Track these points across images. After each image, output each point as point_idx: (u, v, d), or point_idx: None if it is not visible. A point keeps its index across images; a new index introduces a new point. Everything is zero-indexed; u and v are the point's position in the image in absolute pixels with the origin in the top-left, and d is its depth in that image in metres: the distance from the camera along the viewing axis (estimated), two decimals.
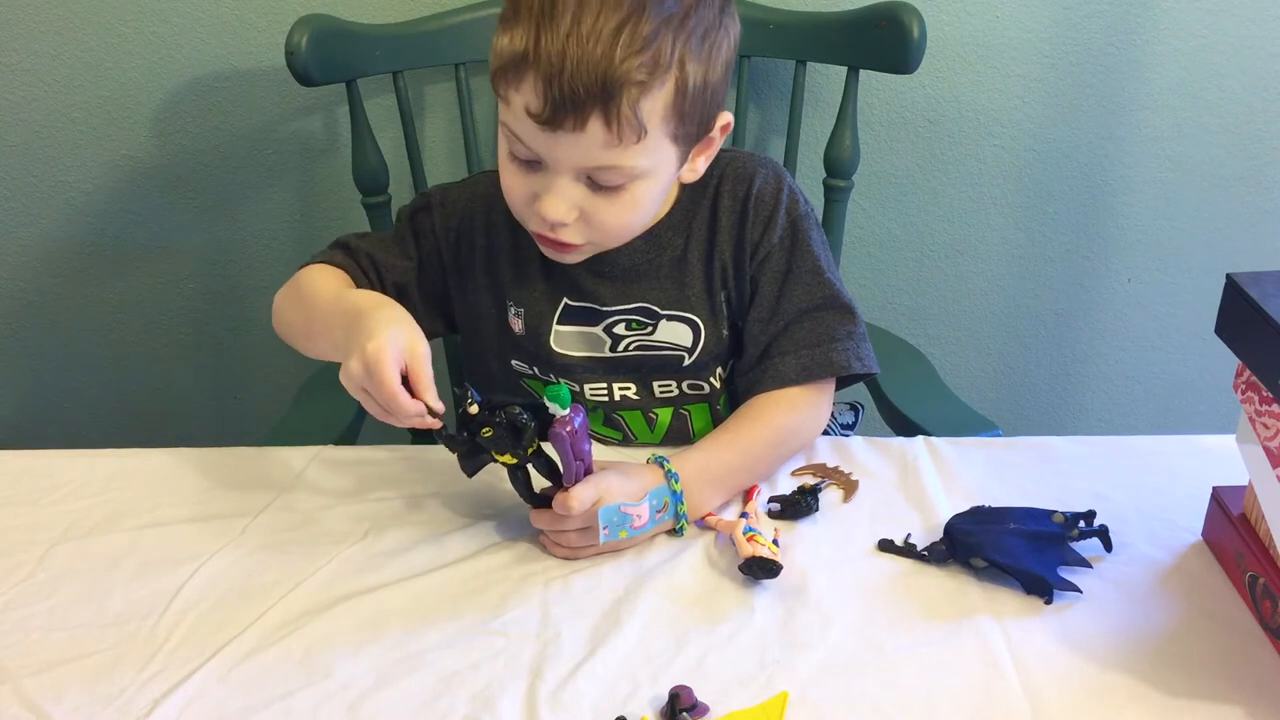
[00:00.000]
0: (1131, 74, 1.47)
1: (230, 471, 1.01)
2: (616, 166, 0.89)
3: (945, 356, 1.65)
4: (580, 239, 0.94)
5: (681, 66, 0.87)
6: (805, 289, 1.02)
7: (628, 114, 0.86)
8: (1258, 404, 0.82)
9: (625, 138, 0.87)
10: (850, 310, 1.03)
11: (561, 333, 1.05)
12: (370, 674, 0.78)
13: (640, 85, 0.85)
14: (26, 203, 1.56)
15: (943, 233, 1.58)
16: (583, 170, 0.90)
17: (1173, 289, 1.62)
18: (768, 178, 1.03)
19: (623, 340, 1.04)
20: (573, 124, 0.85)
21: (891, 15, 1.26)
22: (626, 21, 0.84)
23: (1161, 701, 0.75)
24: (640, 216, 0.96)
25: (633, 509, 0.88)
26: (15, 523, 0.95)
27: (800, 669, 0.78)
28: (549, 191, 0.91)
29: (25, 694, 0.76)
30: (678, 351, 1.05)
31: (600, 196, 0.91)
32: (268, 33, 1.44)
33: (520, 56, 0.85)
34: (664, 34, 0.85)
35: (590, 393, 1.07)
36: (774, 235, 1.02)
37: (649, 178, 0.92)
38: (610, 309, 1.04)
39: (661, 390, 1.07)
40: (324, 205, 1.56)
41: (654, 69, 0.85)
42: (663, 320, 1.04)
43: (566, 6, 0.84)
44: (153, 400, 1.71)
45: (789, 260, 1.02)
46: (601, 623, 0.83)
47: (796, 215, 1.03)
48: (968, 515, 0.91)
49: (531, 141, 0.89)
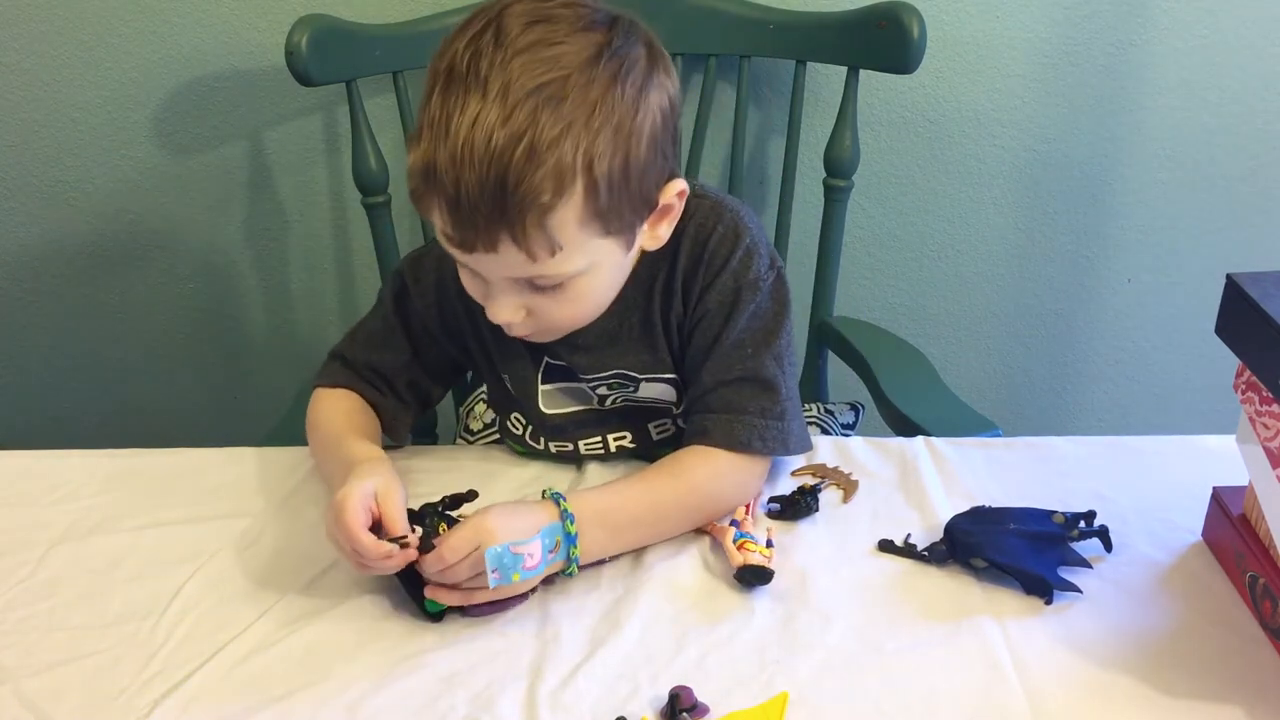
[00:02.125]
0: (1131, 74, 1.47)
1: (230, 471, 1.01)
2: (544, 274, 0.84)
3: (945, 356, 1.65)
4: (534, 329, 0.91)
5: (589, 170, 0.79)
6: (726, 362, 0.94)
7: (536, 234, 0.79)
8: (1258, 404, 0.82)
9: (539, 256, 0.81)
10: (772, 388, 0.94)
11: (548, 392, 1.01)
12: (370, 674, 0.78)
13: (543, 206, 0.78)
14: (26, 203, 1.56)
15: (943, 233, 1.58)
16: (515, 280, 0.85)
17: (1173, 289, 1.62)
18: (724, 234, 0.93)
19: (608, 398, 1.01)
20: (484, 247, 0.80)
21: (891, 15, 1.26)
22: (524, 134, 0.77)
23: (1161, 701, 0.75)
24: (590, 308, 0.91)
25: (523, 547, 0.81)
26: (15, 523, 0.95)
27: (800, 669, 0.78)
28: (491, 299, 0.87)
29: (25, 694, 0.76)
30: (665, 404, 1.01)
31: (544, 296, 0.86)
32: (268, 33, 1.44)
33: (421, 177, 0.80)
34: (565, 141, 0.78)
35: (586, 449, 1.02)
36: (712, 297, 0.94)
37: (590, 273, 0.86)
38: (589, 376, 0.99)
39: (659, 432, 1.03)
40: (324, 205, 1.56)
41: (558, 184, 0.78)
42: (642, 382, 0.99)
43: (462, 120, 0.77)
44: (153, 400, 1.71)
45: (722, 327, 0.94)
46: (601, 623, 0.83)
47: (745, 281, 0.93)
48: (968, 515, 0.91)
49: (459, 259, 0.85)
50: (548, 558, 0.84)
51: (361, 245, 1.53)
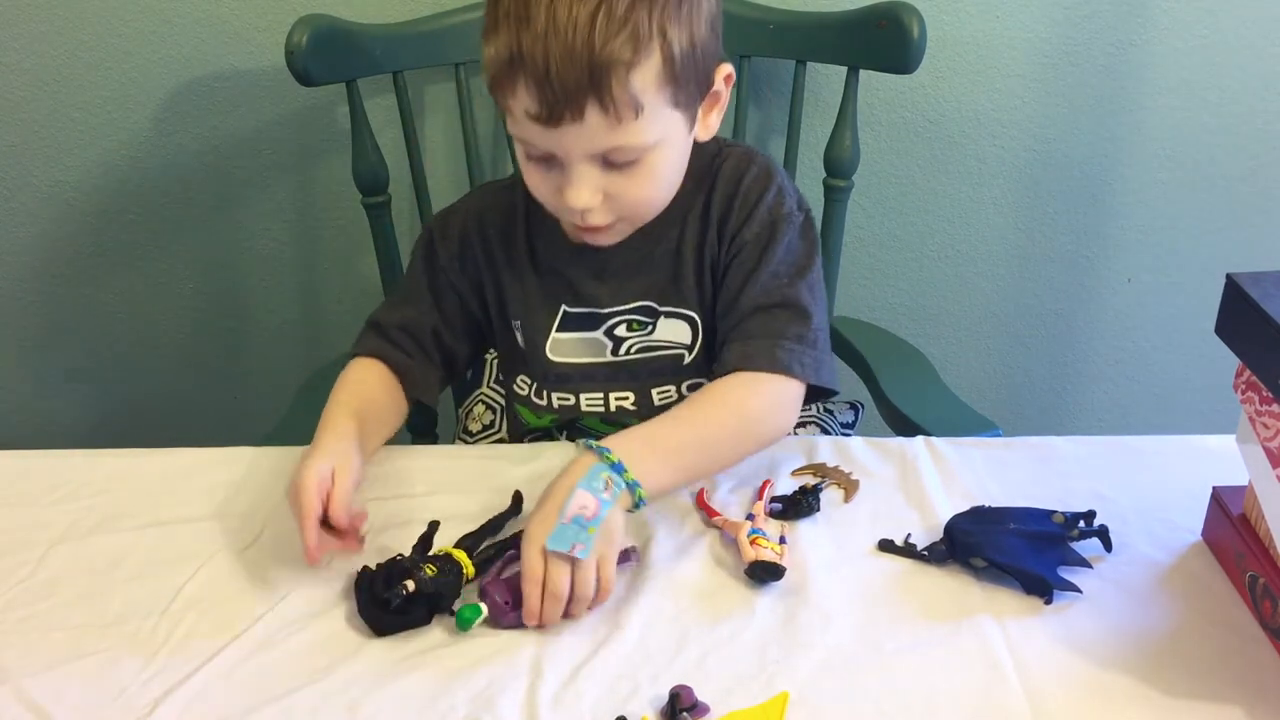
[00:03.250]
0: (1131, 74, 1.47)
1: (230, 471, 1.01)
2: (624, 146, 0.91)
3: (945, 356, 1.65)
4: (611, 218, 0.96)
5: (664, 35, 0.88)
6: (764, 289, 1.00)
7: (620, 94, 0.87)
8: (1258, 404, 0.82)
9: (624, 117, 0.88)
10: (806, 315, 1.00)
11: (560, 340, 1.06)
12: (370, 674, 0.78)
13: (626, 64, 0.87)
14: (26, 203, 1.56)
15: (943, 233, 1.58)
16: (594, 155, 0.91)
17: (1173, 289, 1.62)
18: (758, 174, 1.03)
19: (624, 343, 1.04)
20: (571, 116, 0.87)
21: (891, 15, 1.26)
22: (600, 6, 0.85)
23: (1161, 701, 0.75)
24: (663, 186, 0.98)
25: (569, 508, 0.83)
26: (15, 523, 0.95)
27: (800, 669, 0.78)
28: (569, 183, 0.93)
29: (25, 694, 0.76)
30: (678, 350, 1.05)
31: (619, 175, 0.93)
32: (268, 33, 1.44)
33: (506, 63, 0.87)
34: (639, 9, 0.87)
35: (586, 404, 1.07)
36: (749, 231, 1.01)
37: (661, 148, 0.93)
38: (609, 310, 1.04)
39: (661, 398, 1.06)
40: (324, 205, 1.56)
41: (636, 44, 0.87)
42: (661, 318, 1.04)
43: (540, 5, 0.85)
44: (153, 400, 1.71)
45: (759, 258, 1.01)
46: (601, 623, 0.83)
47: (779, 215, 1.02)
48: (968, 515, 0.91)
49: (539, 140, 0.91)
50: (604, 498, 0.85)
51: (361, 245, 1.52)
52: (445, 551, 0.86)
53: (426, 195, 1.42)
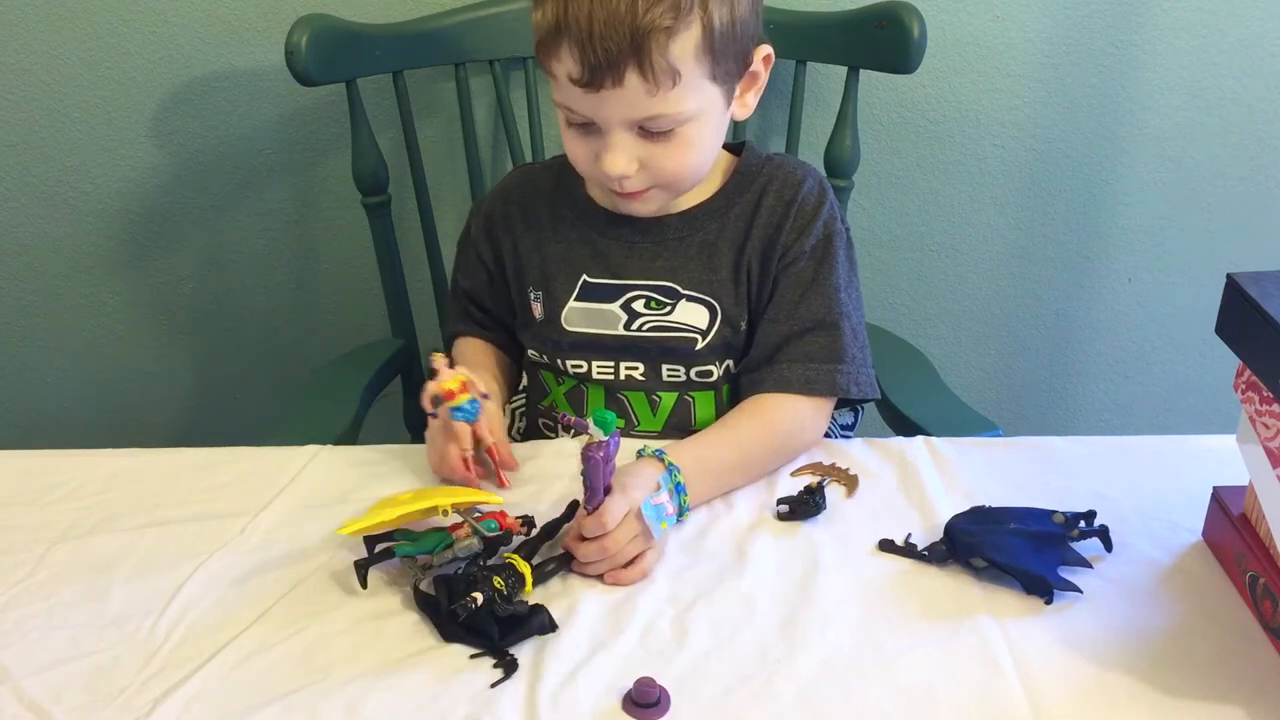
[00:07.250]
0: (1131, 74, 1.47)
1: (230, 471, 1.01)
2: (662, 114, 0.94)
3: (945, 356, 1.65)
4: (646, 184, 1.00)
5: (704, 8, 0.92)
6: (823, 302, 1.04)
7: (660, 61, 0.90)
8: (1258, 404, 0.82)
9: (662, 84, 0.92)
10: (855, 332, 1.06)
11: (576, 309, 1.09)
12: (370, 674, 0.78)
13: (667, 31, 0.90)
14: (26, 203, 1.56)
15: (943, 232, 1.58)
16: (632, 122, 0.95)
17: (1173, 289, 1.62)
18: (813, 188, 1.07)
19: (639, 319, 1.07)
20: (611, 81, 0.91)
21: (891, 15, 1.26)
22: None
23: (1161, 701, 0.75)
24: (698, 158, 1.00)
25: (660, 498, 0.89)
26: (15, 523, 0.95)
27: (800, 669, 0.78)
28: (607, 149, 0.97)
29: (25, 694, 0.76)
30: (691, 334, 1.06)
31: (655, 144, 0.97)
32: (268, 33, 1.44)
33: (552, 28, 0.91)
34: None
35: (597, 371, 1.09)
36: (807, 242, 1.05)
37: (698, 120, 0.96)
38: (633, 282, 1.07)
39: (669, 374, 1.08)
40: (324, 205, 1.56)
41: (677, 13, 0.90)
42: (682, 300, 1.06)
43: None
44: (153, 400, 1.71)
45: (815, 270, 1.05)
46: (602, 623, 0.83)
47: (832, 231, 1.06)
48: (968, 515, 0.91)
49: (580, 106, 0.95)
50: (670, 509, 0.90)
51: (361, 245, 1.53)
52: (508, 560, 0.85)
53: (426, 195, 1.42)
